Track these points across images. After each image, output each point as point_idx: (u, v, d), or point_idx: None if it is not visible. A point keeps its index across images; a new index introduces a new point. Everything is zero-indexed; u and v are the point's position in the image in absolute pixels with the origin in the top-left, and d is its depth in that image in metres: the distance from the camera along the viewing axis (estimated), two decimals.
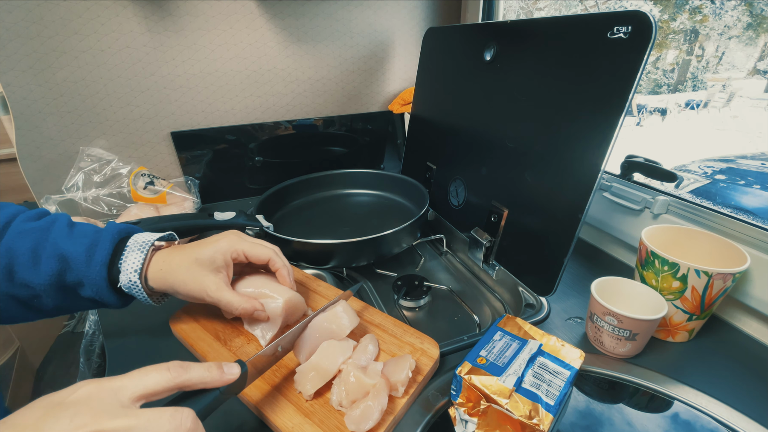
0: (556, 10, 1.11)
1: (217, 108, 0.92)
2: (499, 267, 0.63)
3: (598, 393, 0.46)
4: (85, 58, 0.78)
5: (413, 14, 1.01)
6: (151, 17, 0.80)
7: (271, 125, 0.98)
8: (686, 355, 0.49)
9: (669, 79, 1.07)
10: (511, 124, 0.61)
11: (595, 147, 0.47)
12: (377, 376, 0.40)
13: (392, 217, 0.83)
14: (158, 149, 0.91)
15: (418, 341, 0.48)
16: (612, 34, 0.45)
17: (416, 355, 0.46)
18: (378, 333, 0.49)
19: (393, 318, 0.52)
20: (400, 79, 1.08)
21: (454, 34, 0.76)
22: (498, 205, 0.63)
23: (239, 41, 0.88)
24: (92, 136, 0.84)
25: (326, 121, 1.04)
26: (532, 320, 0.55)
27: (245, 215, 0.70)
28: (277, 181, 0.86)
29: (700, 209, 0.57)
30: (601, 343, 0.49)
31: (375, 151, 1.13)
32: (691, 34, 0.96)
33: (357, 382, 0.39)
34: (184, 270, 0.43)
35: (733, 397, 0.43)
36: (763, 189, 1.03)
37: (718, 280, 0.45)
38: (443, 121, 0.79)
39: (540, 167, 0.56)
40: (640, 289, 0.50)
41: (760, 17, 0.83)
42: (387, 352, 0.47)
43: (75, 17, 0.74)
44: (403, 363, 0.42)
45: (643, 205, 0.62)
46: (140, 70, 0.83)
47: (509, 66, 0.62)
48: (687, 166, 1.36)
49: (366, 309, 0.54)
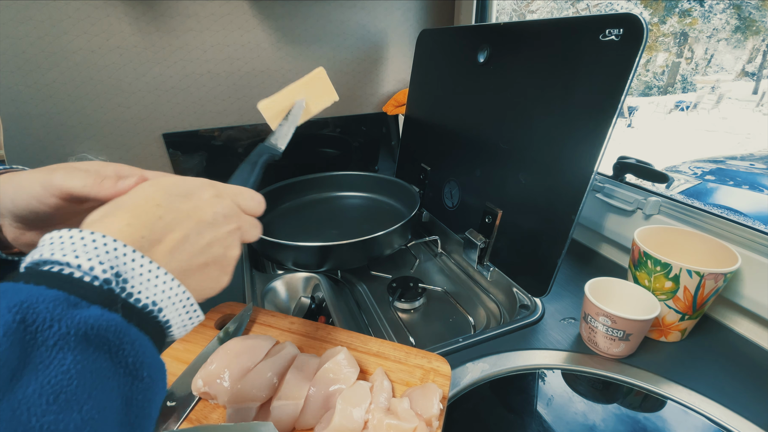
0: (548, 12, 1.12)
1: (210, 109, 0.92)
2: (493, 268, 0.63)
3: (592, 393, 0.47)
4: (75, 59, 0.77)
5: (407, 16, 1.01)
6: (142, 18, 0.79)
7: (265, 127, 0.97)
8: (679, 354, 0.50)
9: (659, 81, 1.09)
10: (505, 125, 0.61)
11: (588, 148, 0.47)
12: (412, 417, 0.36)
13: (384, 219, 0.83)
14: (150, 150, 0.90)
15: (425, 361, 0.45)
16: (604, 37, 0.46)
17: (429, 377, 0.43)
18: (381, 363, 0.45)
19: (388, 341, 0.48)
20: (394, 80, 1.08)
21: (448, 36, 0.76)
22: (492, 207, 0.63)
23: (232, 42, 0.87)
24: (82, 137, 0.83)
25: (320, 123, 1.03)
26: (527, 321, 0.55)
27: None
28: (269, 183, 0.86)
29: (691, 210, 0.57)
30: (595, 344, 0.49)
31: (369, 153, 1.13)
32: (681, 37, 0.97)
33: (396, 430, 0.35)
34: None
35: (725, 396, 0.43)
36: (751, 189, 1.05)
37: (710, 280, 0.45)
38: (437, 122, 0.80)
39: (533, 168, 0.56)
40: (633, 290, 0.51)
41: (748, 20, 0.84)
42: (398, 381, 0.43)
43: (65, 17, 0.73)
44: (430, 394, 0.38)
45: (636, 205, 0.63)
46: (131, 71, 0.82)
47: (503, 68, 0.62)
48: (678, 167, 1.38)
49: (354, 337, 0.49)
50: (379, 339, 0.48)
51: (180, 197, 0.25)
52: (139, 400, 0.19)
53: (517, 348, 0.51)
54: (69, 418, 0.15)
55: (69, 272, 0.18)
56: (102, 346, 0.17)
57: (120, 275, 0.19)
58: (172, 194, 0.25)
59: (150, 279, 0.21)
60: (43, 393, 0.15)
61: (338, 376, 0.41)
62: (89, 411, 0.16)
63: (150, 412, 0.20)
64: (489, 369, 0.48)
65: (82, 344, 0.17)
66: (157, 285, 0.21)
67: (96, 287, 0.19)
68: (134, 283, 0.20)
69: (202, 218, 0.25)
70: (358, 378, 0.42)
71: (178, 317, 0.22)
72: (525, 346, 0.51)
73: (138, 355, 0.19)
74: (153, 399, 0.20)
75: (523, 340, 0.52)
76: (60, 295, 0.17)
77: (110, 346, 0.18)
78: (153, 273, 0.21)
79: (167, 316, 0.22)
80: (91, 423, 0.16)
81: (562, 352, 0.50)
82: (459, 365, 0.48)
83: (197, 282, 0.24)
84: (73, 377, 0.16)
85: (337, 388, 0.40)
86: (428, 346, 0.51)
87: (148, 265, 0.21)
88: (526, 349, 0.51)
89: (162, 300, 0.21)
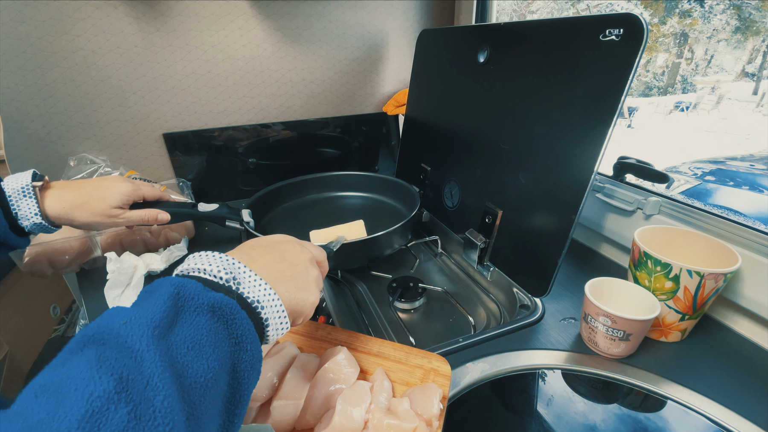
0: (548, 12, 1.12)
1: (210, 109, 0.92)
2: (493, 268, 0.63)
3: (593, 393, 0.47)
4: (75, 59, 0.77)
5: (407, 16, 1.01)
6: (143, 18, 0.79)
7: (265, 127, 0.97)
8: (679, 354, 0.50)
9: (659, 81, 1.09)
10: (505, 125, 0.61)
11: (588, 148, 0.47)
12: (412, 417, 0.36)
13: (384, 220, 0.83)
14: (150, 150, 0.90)
15: (425, 361, 0.45)
16: (604, 37, 0.46)
17: (429, 377, 0.43)
18: (381, 363, 0.45)
19: (388, 341, 0.48)
20: (394, 80, 1.08)
21: (448, 36, 0.76)
22: (492, 207, 0.63)
23: (232, 42, 0.87)
24: (82, 137, 0.83)
25: (320, 123, 1.03)
26: (527, 321, 0.55)
27: (228, 208, 0.70)
28: (270, 182, 0.86)
29: (691, 210, 0.57)
30: (595, 344, 0.49)
31: (369, 153, 1.13)
32: (681, 38, 0.97)
33: (396, 430, 0.35)
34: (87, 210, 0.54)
35: (725, 396, 0.43)
36: (751, 190, 1.05)
37: (710, 280, 0.45)
38: (437, 122, 0.80)
39: (533, 168, 0.56)
40: (633, 290, 0.51)
41: (748, 21, 0.84)
42: (398, 381, 0.43)
43: (65, 17, 0.73)
44: (430, 394, 0.38)
45: (636, 206, 0.63)
46: (131, 71, 0.82)
47: (503, 68, 0.62)
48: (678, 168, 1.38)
49: (354, 337, 0.49)
50: (379, 339, 0.48)
51: (268, 240, 0.38)
52: (241, 369, 0.26)
53: (517, 348, 0.51)
54: (199, 363, 0.23)
55: (205, 275, 0.29)
56: (222, 317, 0.26)
57: (236, 279, 0.29)
58: (263, 240, 0.38)
59: (251, 282, 0.30)
60: (185, 341, 0.23)
61: (338, 376, 0.41)
62: (212, 362, 0.23)
63: (248, 384, 0.26)
64: (489, 369, 0.48)
65: (210, 313, 0.25)
66: (257, 288, 0.30)
67: (221, 284, 0.29)
68: (244, 284, 0.29)
69: (283, 249, 0.36)
70: (358, 378, 0.42)
71: (275, 318, 0.30)
72: (525, 346, 0.51)
73: (244, 332, 0.26)
74: (251, 374, 0.27)
75: (523, 340, 0.52)
76: (199, 285, 0.26)
77: (227, 318, 0.26)
78: (253, 278, 0.30)
79: (266, 315, 0.30)
80: (213, 371, 0.23)
81: (562, 352, 0.50)
82: (459, 365, 0.48)
83: (285, 290, 0.33)
84: (204, 335, 0.24)
85: (337, 388, 0.40)
86: (428, 346, 0.51)
87: (249, 272, 0.30)
88: (526, 349, 0.51)
89: (261, 300, 0.30)
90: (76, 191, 0.54)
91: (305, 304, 0.34)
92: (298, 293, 0.34)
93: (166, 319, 0.23)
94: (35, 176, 0.52)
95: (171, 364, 0.21)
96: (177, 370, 0.22)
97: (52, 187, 0.53)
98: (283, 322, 0.31)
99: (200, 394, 0.22)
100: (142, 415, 0.18)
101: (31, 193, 0.50)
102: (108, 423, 0.17)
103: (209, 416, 0.23)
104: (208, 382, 0.23)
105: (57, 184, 0.54)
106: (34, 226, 0.51)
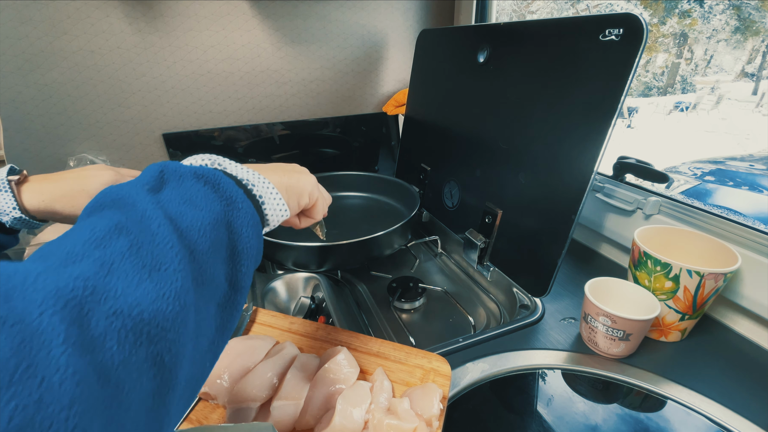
0: (548, 12, 1.12)
1: (210, 109, 0.92)
2: (493, 268, 0.63)
3: (593, 393, 0.47)
4: (74, 60, 0.77)
5: (407, 16, 1.01)
6: (142, 18, 0.79)
7: (265, 127, 0.97)
8: (679, 354, 0.50)
9: (659, 81, 1.09)
10: (505, 125, 0.61)
11: (588, 148, 0.47)
12: (412, 417, 0.36)
13: (384, 220, 0.83)
14: (150, 151, 0.90)
15: (425, 361, 0.45)
16: (604, 37, 0.46)
17: (429, 377, 0.43)
18: (381, 363, 0.45)
19: (388, 341, 0.48)
20: (394, 80, 1.08)
21: (448, 36, 0.76)
22: (492, 207, 0.63)
23: (232, 42, 0.87)
24: (82, 138, 0.83)
25: (320, 123, 1.03)
26: (527, 321, 0.55)
27: None
28: None
29: (691, 210, 0.57)
30: (595, 344, 0.49)
31: (369, 153, 1.13)
32: (680, 38, 0.97)
33: (396, 430, 0.35)
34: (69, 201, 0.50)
35: (725, 396, 0.43)
36: (751, 190, 1.05)
37: (710, 280, 0.45)
38: (437, 122, 0.80)
39: (533, 168, 0.56)
40: (633, 290, 0.51)
41: (748, 21, 0.84)
42: (398, 381, 0.43)
43: (64, 18, 0.73)
44: (430, 394, 0.38)
45: (636, 205, 0.63)
46: (131, 72, 0.82)
47: (502, 68, 0.62)
48: (677, 168, 1.38)
49: (354, 337, 0.49)
50: (379, 339, 0.48)
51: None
52: (238, 225, 0.27)
53: (517, 348, 0.51)
54: (194, 213, 0.24)
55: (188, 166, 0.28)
56: (208, 182, 0.27)
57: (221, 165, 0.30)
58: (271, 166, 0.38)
59: (236, 168, 0.31)
60: (176, 196, 0.25)
61: (338, 376, 0.41)
62: (206, 214, 0.25)
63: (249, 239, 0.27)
64: (489, 369, 0.48)
65: (195, 178, 0.26)
66: (243, 171, 0.31)
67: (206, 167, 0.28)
68: (229, 168, 0.30)
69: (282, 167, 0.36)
70: (359, 378, 0.42)
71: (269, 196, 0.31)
72: (525, 346, 0.51)
73: (233, 194, 0.27)
74: (249, 230, 0.27)
75: (523, 340, 0.52)
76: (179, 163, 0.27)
77: (213, 183, 0.27)
78: (239, 166, 0.31)
79: (258, 192, 0.31)
80: (208, 221, 0.24)
81: (562, 352, 0.50)
82: (459, 365, 0.48)
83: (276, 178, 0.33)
84: (194, 193, 0.25)
85: (337, 388, 0.40)
86: (428, 346, 0.51)
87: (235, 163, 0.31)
88: (526, 349, 0.51)
89: (249, 179, 0.30)
90: (56, 183, 0.52)
91: (299, 182, 0.36)
92: (290, 178, 0.35)
93: (155, 183, 0.25)
94: (12, 171, 0.50)
95: (164, 212, 0.23)
96: (170, 216, 0.23)
97: (31, 181, 0.51)
98: (279, 203, 0.32)
99: (198, 238, 0.24)
100: (142, 244, 0.21)
101: (6, 187, 0.48)
102: (111, 246, 0.20)
103: (212, 263, 0.24)
104: (204, 228, 0.24)
105: (36, 178, 0.52)
106: (15, 221, 0.49)
